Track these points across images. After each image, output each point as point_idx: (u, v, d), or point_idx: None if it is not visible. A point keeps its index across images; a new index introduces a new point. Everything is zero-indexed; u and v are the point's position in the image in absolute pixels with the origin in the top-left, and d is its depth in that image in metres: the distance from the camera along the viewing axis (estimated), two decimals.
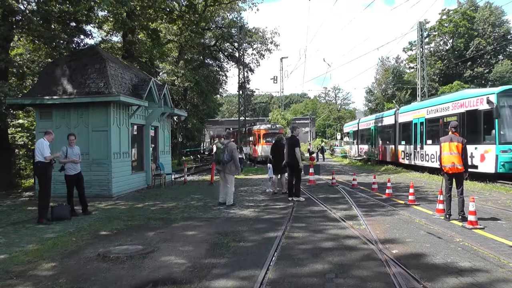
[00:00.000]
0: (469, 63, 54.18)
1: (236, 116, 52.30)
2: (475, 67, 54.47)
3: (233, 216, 10.23)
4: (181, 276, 5.55)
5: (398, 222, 9.13)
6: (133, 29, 23.87)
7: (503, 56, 56.82)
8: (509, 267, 5.78)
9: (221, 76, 47.85)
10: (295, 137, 13.27)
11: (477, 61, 54.93)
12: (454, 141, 9.21)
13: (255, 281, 5.26)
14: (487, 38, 54.02)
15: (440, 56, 56.65)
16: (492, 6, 56.32)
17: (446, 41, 57.58)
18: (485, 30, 54.64)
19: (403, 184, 16.69)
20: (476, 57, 53.97)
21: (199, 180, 21.96)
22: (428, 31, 54.81)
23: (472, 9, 55.79)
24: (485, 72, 54.76)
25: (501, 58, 56.41)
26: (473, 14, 55.39)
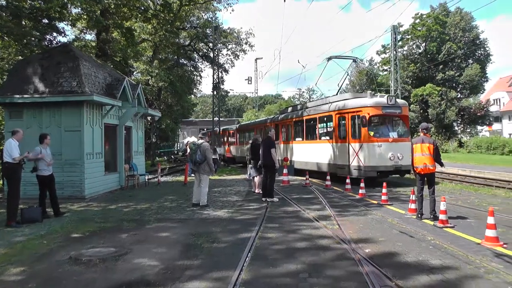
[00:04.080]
0: (441, 66, 55.36)
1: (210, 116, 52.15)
2: (446, 70, 55.71)
3: (207, 217, 10.21)
4: (155, 278, 5.53)
5: (371, 222, 9.30)
6: (107, 28, 23.59)
7: (472, 60, 58.28)
8: (477, 263, 6.00)
9: (195, 76, 47.58)
10: (270, 138, 13.40)
11: (448, 64, 56.16)
12: (426, 142, 9.47)
13: (228, 282, 5.29)
14: (458, 43, 55.33)
15: (413, 59, 57.70)
16: (463, 11, 57.76)
17: (419, 45, 58.68)
18: (456, 34, 55.98)
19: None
20: (447, 61, 55.21)
21: (173, 181, 21.83)
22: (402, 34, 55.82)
23: (444, 14, 57.05)
24: (456, 75, 56.14)
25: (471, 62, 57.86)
26: (445, 19, 56.62)
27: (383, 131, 17.22)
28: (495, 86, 71.50)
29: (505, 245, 6.93)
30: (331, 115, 18.46)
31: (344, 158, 17.33)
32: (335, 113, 18.08)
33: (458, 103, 53.23)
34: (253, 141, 15.40)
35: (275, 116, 29.09)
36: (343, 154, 17.37)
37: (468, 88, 57.15)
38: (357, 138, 16.67)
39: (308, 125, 21.58)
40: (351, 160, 16.84)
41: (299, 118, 22.56)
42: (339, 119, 17.90)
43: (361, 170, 16.28)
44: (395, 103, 16.85)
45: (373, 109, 16.56)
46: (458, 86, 57.75)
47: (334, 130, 18.24)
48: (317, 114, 20.20)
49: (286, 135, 24.45)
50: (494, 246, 6.90)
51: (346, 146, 17.15)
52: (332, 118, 18.38)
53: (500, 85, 71.15)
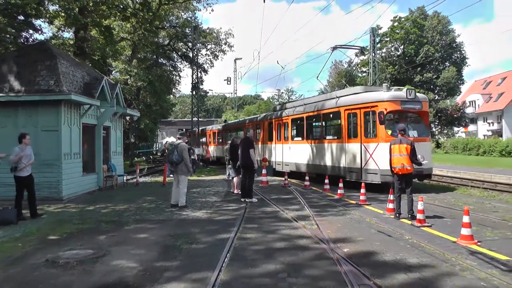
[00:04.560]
0: (419, 69, 56.34)
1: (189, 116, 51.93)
2: (424, 73, 56.74)
3: (185, 218, 10.18)
4: (133, 280, 5.50)
5: (350, 222, 9.42)
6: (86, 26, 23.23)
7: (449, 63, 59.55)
8: (452, 261, 6.14)
9: (174, 76, 47.33)
10: (249, 138, 13.47)
11: (426, 67, 57.20)
12: (404, 143, 9.68)
13: (207, 283, 5.28)
14: (435, 46, 56.42)
15: (392, 61, 58.49)
16: (440, 15, 58.86)
17: (397, 47, 59.53)
18: (434, 37, 57.10)
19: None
20: (425, 63, 56.22)
21: (152, 182, 21.69)
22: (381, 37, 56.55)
23: (422, 18, 58.07)
24: (433, 77, 57.21)
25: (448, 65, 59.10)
26: (423, 22, 57.69)
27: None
28: (471, 89, 72.96)
29: (479, 243, 7.12)
30: (339, 112, 16.51)
31: (355, 160, 15.48)
32: (343, 109, 16.14)
33: (435, 105, 54.18)
34: (232, 141, 15.44)
35: (268, 113, 26.56)
36: (354, 155, 15.53)
37: (445, 90, 58.33)
38: (372, 137, 14.86)
39: (310, 123, 19.80)
40: (365, 163, 14.95)
41: (298, 115, 20.59)
42: (348, 115, 15.94)
43: (378, 175, 14.39)
44: (415, 97, 14.99)
45: (391, 104, 14.67)
46: (436, 88, 58.85)
47: (342, 128, 16.24)
48: (321, 111, 18.23)
49: (282, 134, 22.34)
50: (469, 244, 7.08)
51: (358, 146, 15.23)
52: (340, 115, 16.39)
53: (475, 87, 72.66)
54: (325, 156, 17.61)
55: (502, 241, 7.41)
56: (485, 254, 6.51)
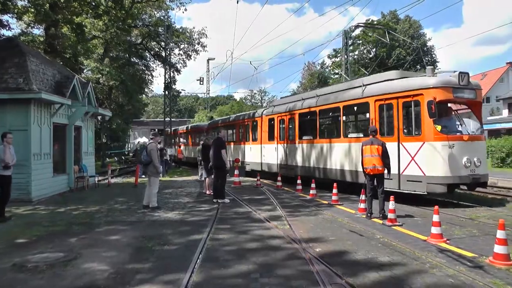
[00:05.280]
0: None
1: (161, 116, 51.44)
2: None
3: (157, 219, 10.14)
4: (105, 283, 5.45)
5: (322, 222, 9.55)
6: (57, 22, 22.85)
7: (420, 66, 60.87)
8: (422, 259, 6.34)
9: (147, 76, 46.87)
10: (221, 138, 13.50)
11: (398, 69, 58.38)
12: (375, 144, 9.89)
13: (179, 285, 5.29)
14: (407, 49, 57.56)
15: (364, 63, 59.36)
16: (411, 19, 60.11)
17: (369, 50, 60.52)
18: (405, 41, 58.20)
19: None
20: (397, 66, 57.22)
21: (123, 183, 21.35)
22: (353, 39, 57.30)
23: (394, 21, 59.15)
24: None
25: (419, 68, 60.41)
26: (395, 26, 58.74)
27: (451, 124, 12.27)
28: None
29: (448, 241, 7.38)
30: (367, 103, 13.54)
31: (392, 164, 11.30)
32: (373, 99, 13.19)
33: None
34: (204, 142, 15.49)
35: (267, 108, 22.92)
36: (391, 157, 11.36)
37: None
38: (415, 134, 11.96)
39: (325, 118, 16.96)
40: (404, 167, 11.97)
41: (308, 109, 17.32)
42: (380, 108, 12.99)
43: (422, 183, 11.48)
44: (468, 83, 12.01)
45: (441, 91, 11.60)
46: None
47: (371, 123, 12.96)
48: (341, 103, 14.97)
49: (287, 132, 19.25)
50: (438, 242, 7.32)
51: (394, 147, 12.16)
52: (369, 107, 13.43)
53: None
54: (346, 159, 14.41)
55: (469, 239, 7.68)
56: (453, 252, 6.74)
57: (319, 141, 16.34)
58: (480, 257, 6.38)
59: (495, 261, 6.06)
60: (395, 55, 56.38)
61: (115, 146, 50.10)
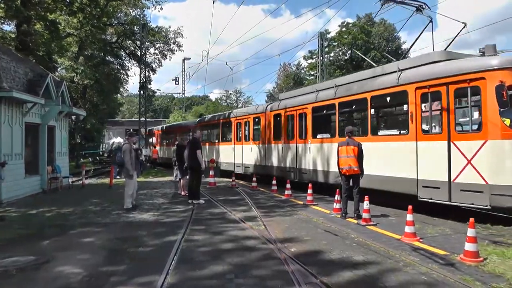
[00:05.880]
0: None
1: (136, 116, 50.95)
2: None
3: (132, 221, 10.05)
4: (78, 286, 5.39)
5: (297, 222, 9.63)
6: (29, 19, 22.33)
7: None
8: (396, 258, 6.47)
9: (122, 75, 46.21)
10: (196, 139, 13.47)
11: None
12: (351, 145, 10.03)
13: (154, 287, 5.28)
14: (382, 52, 58.35)
15: (339, 65, 59.95)
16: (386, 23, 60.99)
17: (345, 52, 61.16)
18: (380, 44, 58.98)
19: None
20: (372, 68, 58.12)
21: (98, 184, 21.12)
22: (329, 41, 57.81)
23: (369, 24, 59.90)
24: None
25: None
26: (370, 28, 59.51)
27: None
28: None
29: (421, 240, 7.56)
30: (404, 92, 10.96)
31: (436, 168, 9.88)
32: (413, 87, 10.61)
33: None
34: (179, 142, 15.44)
35: (272, 103, 20.21)
36: (435, 161, 9.93)
37: None
38: (473, 130, 9.52)
39: (346, 112, 14.18)
40: (456, 174, 9.42)
41: (324, 102, 14.57)
42: (423, 97, 10.44)
43: (484, 194, 8.97)
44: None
45: (510, 73, 9.03)
46: None
47: (411, 117, 10.61)
48: (369, 93, 12.32)
49: (297, 130, 16.29)
50: (412, 241, 7.48)
51: (443, 146, 9.72)
52: (407, 96, 10.84)
53: None
54: (377, 162, 11.52)
55: (442, 237, 7.89)
56: (426, 250, 6.91)
57: (340, 139, 12.39)
58: (451, 255, 6.56)
59: (465, 258, 6.25)
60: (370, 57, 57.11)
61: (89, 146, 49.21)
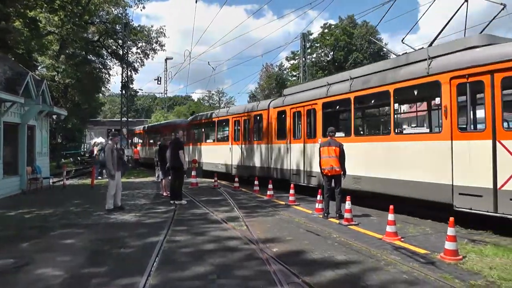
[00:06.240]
0: None
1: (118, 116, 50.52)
2: None
3: (114, 222, 9.99)
4: None
5: (279, 222, 9.68)
6: (8, 16, 21.89)
7: None
8: (378, 257, 6.57)
9: (104, 74, 45.65)
10: (178, 139, 13.45)
11: None
12: (332, 145, 10.14)
13: None
14: (364, 53, 58.92)
15: (322, 66, 60.34)
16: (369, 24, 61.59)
17: (327, 53, 61.57)
18: (362, 45, 59.53)
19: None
20: None
21: (79, 184, 20.92)
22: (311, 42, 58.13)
23: (351, 26, 60.41)
24: None
25: None
26: (352, 30, 60.05)
27: None
28: None
29: (403, 239, 7.69)
30: (436, 83, 9.37)
31: (476, 172, 8.41)
32: (447, 76, 9.07)
33: None
34: (162, 142, 15.41)
35: (275, 99, 18.41)
36: (475, 164, 8.41)
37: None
38: None
39: (363, 107, 13.08)
40: (505, 180, 7.92)
41: (337, 97, 12.90)
42: (460, 88, 8.90)
43: None
44: None
45: None
46: None
47: (445, 112, 9.04)
48: (392, 85, 10.63)
49: (304, 128, 14.46)
50: (393, 240, 7.60)
51: (487, 146, 8.22)
52: (440, 88, 9.24)
53: None
54: (402, 164, 10.30)
55: (423, 237, 8.04)
56: (407, 249, 7.03)
57: (356, 139, 11.82)
58: (432, 254, 6.70)
59: (445, 257, 6.39)
60: (352, 59, 57.63)
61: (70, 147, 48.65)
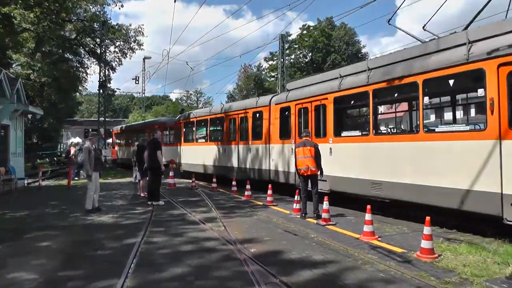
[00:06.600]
0: None
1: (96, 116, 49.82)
2: None
3: (91, 223, 9.90)
4: None
5: (257, 222, 9.73)
6: None
7: None
8: (355, 256, 6.66)
9: (81, 73, 44.93)
10: (156, 139, 13.41)
11: None
12: (308, 145, 10.23)
13: None
14: (342, 55, 59.52)
15: (300, 67, 60.80)
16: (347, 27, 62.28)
17: (305, 54, 62.04)
18: (341, 47, 60.20)
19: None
20: None
21: (56, 185, 20.56)
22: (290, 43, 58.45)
23: (330, 28, 60.96)
24: None
25: None
26: (331, 32, 60.61)
27: None
28: None
29: (380, 238, 7.82)
30: (480, 71, 7.83)
31: None
32: (495, 63, 7.54)
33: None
34: (140, 143, 15.33)
35: (277, 94, 16.57)
36: None
37: None
38: None
39: (384, 101, 11.66)
40: None
41: (352, 90, 11.20)
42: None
43: None
44: None
45: None
46: None
47: (490, 106, 7.55)
48: (422, 75, 9.04)
49: (312, 126, 12.76)
50: (370, 240, 7.72)
51: None
52: (484, 77, 7.71)
53: None
54: (435, 169, 8.70)
55: (400, 236, 8.18)
56: (384, 248, 7.15)
57: (376, 138, 10.39)
58: (408, 252, 6.84)
59: (421, 255, 6.54)
60: (330, 60, 58.16)
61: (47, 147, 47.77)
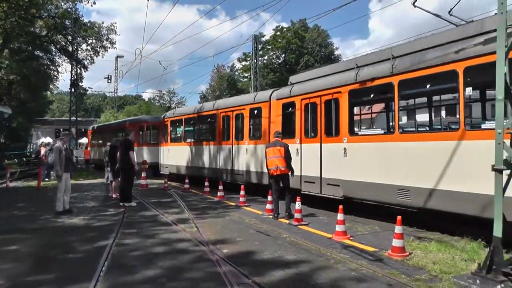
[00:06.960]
0: None
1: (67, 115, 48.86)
2: None
3: (61, 225, 9.75)
4: None
5: (229, 223, 9.79)
6: None
7: None
8: (327, 256, 6.78)
9: (52, 71, 43.98)
10: (129, 140, 13.31)
11: None
12: (278, 146, 10.41)
13: None
14: (315, 56, 60.05)
15: (273, 68, 61.16)
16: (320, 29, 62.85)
17: (279, 55, 62.40)
18: (314, 49, 60.68)
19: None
20: None
21: (25, 186, 20.13)
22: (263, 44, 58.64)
23: (303, 29, 61.42)
24: None
25: None
26: (304, 34, 61.08)
27: None
28: None
29: (352, 238, 7.99)
30: None
31: None
32: None
33: None
34: (112, 143, 15.20)
35: (279, 88, 14.73)
36: None
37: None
38: None
39: (411, 94, 10.51)
40: None
41: (371, 83, 9.81)
42: None
43: None
44: None
45: None
46: None
47: None
48: (461, 62, 7.73)
49: (321, 125, 11.44)
50: (342, 239, 7.87)
51: None
52: None
53: None
54: (479, 174, 7.04)
55: (371, 235, 8.37)
56: (356, 247, 7.31)
57: (402, 137, 9.07)
58: (380, 251, 7.01)
59: (393, 254, 6.72)
60: (303, 62, 58.65)
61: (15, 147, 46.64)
